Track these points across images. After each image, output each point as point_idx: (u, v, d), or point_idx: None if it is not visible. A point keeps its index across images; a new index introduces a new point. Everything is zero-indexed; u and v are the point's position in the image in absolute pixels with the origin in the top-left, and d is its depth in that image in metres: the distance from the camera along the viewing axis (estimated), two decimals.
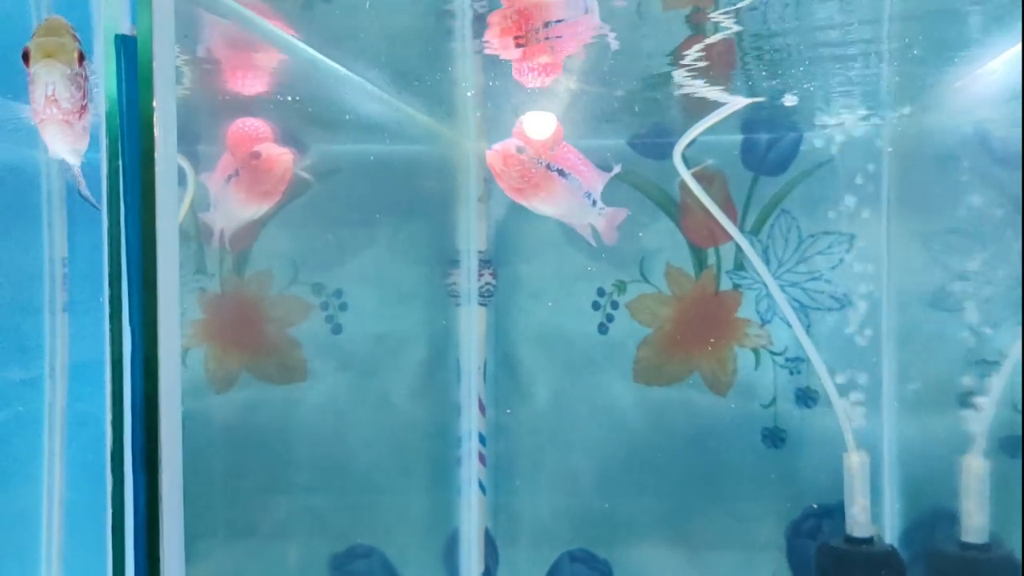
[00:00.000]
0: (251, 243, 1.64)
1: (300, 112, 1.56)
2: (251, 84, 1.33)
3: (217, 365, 1.64)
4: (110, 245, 0.67)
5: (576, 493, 1.66)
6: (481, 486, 1.66)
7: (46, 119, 0.82)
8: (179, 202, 0.73)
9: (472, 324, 1.65)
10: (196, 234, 1.64)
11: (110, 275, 0.67)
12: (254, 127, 1.33)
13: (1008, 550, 1.32)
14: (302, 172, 1.67)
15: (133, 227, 0.66)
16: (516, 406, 1.67)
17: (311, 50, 1.18)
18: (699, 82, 1.43)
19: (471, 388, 1.65)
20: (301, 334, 1.67)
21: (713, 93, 1.40)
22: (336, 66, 1.29)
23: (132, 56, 0.64)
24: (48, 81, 0.77)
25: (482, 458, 1.66)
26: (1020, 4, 0.95)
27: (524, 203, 1.35)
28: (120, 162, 0.64)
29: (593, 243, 1.42)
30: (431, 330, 1.67)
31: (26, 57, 0.79)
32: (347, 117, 1.56)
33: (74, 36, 0.78)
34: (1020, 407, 1.36)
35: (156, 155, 0.63)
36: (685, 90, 1.43)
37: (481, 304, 1.66)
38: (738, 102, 1.33)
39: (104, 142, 0.65)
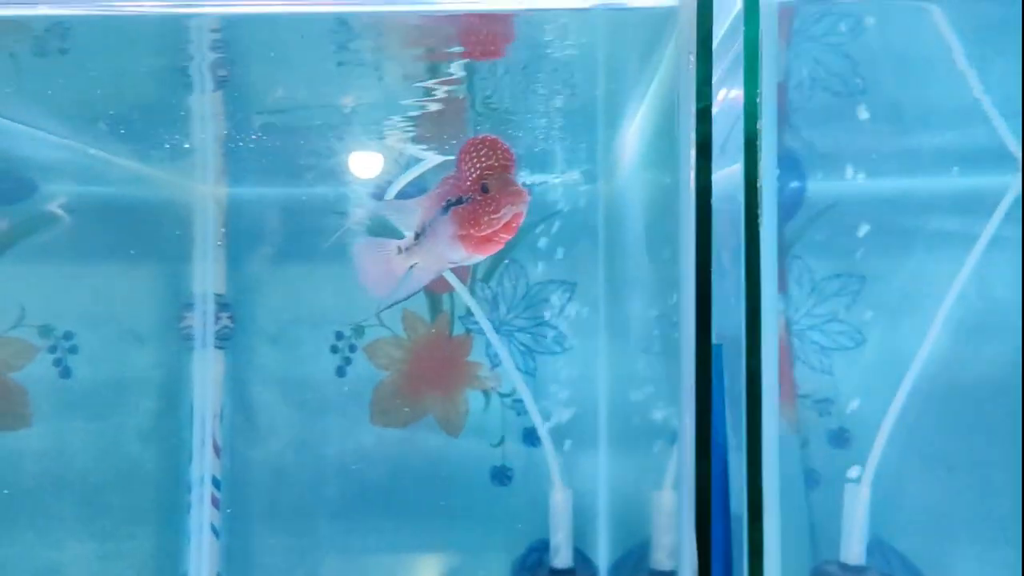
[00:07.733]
0: None
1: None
2: None
3: None
4: None
5: (312, 535, 1.67)
6: (215, 530, 1.64)
7: None
8: None
9: (207, 367, 1.65)
10: None
11: None
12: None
13: None
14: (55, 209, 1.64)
15: None
16: (254, 449, 1.68)
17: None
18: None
19: (205, 431, 1.64)
20: (25, 378, 1.62)
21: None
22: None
23: None
24: None
25: (216, 502, 1.65)
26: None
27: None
28: None
29: None
30: (164, 373, 1.65)
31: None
32: (72, 159, 1.55)
33: None
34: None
35: None
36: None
37: (218, 347, 1.66)
38: (433, 159, 1.41)
39: None
